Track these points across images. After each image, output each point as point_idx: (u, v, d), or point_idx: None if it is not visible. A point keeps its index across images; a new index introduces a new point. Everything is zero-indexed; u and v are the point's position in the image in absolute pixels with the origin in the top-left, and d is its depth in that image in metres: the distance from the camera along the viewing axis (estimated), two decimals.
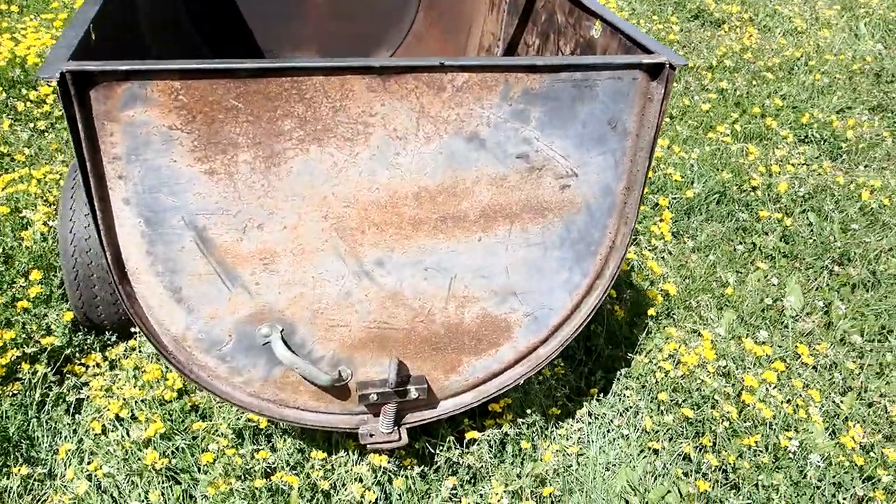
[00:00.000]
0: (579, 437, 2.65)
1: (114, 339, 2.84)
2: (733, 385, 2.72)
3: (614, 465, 2.58)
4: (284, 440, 2.41)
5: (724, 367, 2.80)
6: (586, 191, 1.91)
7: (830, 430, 2.72)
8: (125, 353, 2.81)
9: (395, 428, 2.14)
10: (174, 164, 1.64)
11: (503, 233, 1.91)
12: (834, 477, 2.48)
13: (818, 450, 2.56)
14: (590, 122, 1.81)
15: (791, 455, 2.50)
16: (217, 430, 2.41)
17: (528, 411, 2.54)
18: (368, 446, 2.12)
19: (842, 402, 2.84)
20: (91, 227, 2.67)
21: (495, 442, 2.48)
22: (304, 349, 1.96)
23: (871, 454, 2.60)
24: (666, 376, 2.73)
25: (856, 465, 2.52)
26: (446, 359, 2.10)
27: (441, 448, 2.42)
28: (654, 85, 1.80)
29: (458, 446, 2.45)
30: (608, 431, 2.69)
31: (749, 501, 2.37)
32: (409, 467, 2.38)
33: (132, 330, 2.83)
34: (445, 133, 1.74)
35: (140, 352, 2.81)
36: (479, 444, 2.44)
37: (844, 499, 2.40)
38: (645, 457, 2.61)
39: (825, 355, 3.01)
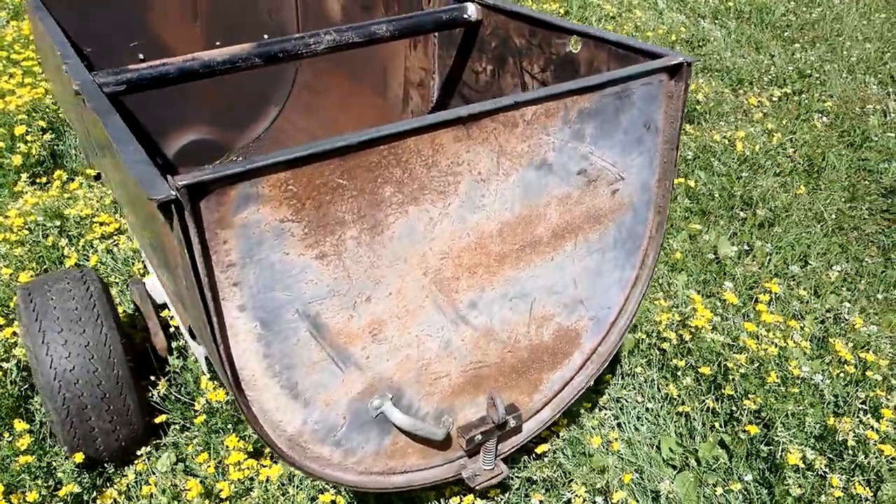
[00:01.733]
0: (613, 424, 2.80)
1: (111, 469, 2.59)
2: (729, 335, 3.00)
3: (650, 437, 2.76)
4: None
5: (714, 323, 3.07)
6: (631, 191, 2.06)
7: (806, 351, 3.08)
8: (136, 481, 2.57)
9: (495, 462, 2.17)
10: (286, 258, 1.57)
11: (570, 247, 2.01)
12: (835, 388, 2.82)
13: (813, 370, 2.89)
14: (630, 127, 1.95)
15: (801, 381, 2.80)
16: None
17: (578, 409, 2.65)
18: (477, 487, 2.13)
19: (803, 325, 3.22)
20: (74, 356, 2.44)
21: (562, 449, 2.57)
22: (412, 409, 1.94)
23: (851, 362, 2.98)
24: (671, 344, 2.95)
25: (847, 373, 2.88)
26: (530, 380, 2.16)
27: (517, 468, 2.47)
28: (672, 84, 1.98)
29: (531, 461, 2.51)
30: (634, 408, 2.87)
31: (786, 432, 2.64)
32: (494, 498, 2.41)
33: (137, 452, 2.61)
34: (520, 166, 1.80)
35: (153, 473, 2.59)
36: (551, 455, 2.52)
37: (855, 405, 2.73)
38: (676, 422, 2.81)
39: (776, 290, 3.39)
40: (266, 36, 4.05)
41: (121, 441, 2.58)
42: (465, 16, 2.67)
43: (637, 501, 2.46)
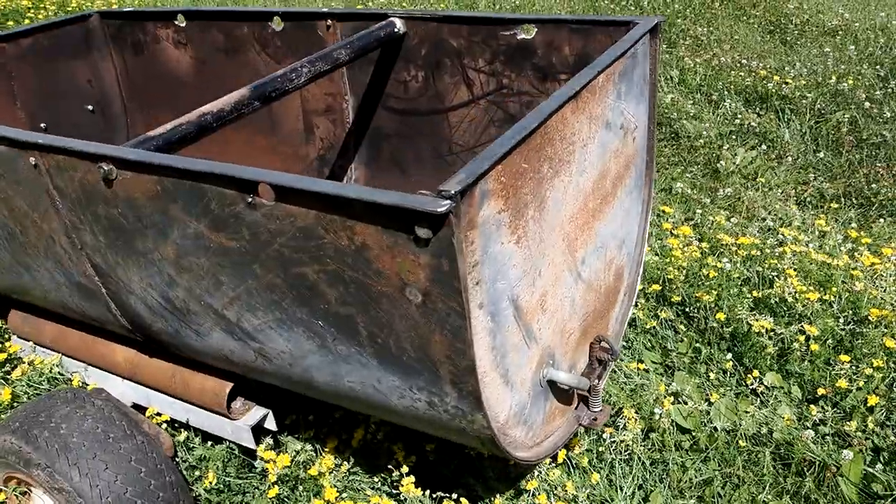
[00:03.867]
0: None
1: None
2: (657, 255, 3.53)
3: (638, 357, 3.18)
4: None
5: None
6: (640, 136, 2.41)
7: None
8: None
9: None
10: (502, 247, 1.66)
11: (620, 193, 2.31)
12: (743, 269, 3.49)
13: (724, 262, 3.54)
14: (638, 81, 2.31)
15: (720, 271, 3.42)
16: None
17: None
18: (598, 428, 2.34)
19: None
20: (122, 476, 2.19)
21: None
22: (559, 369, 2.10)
23: (746, 246, 3.69)
24: None
25: (741, 256, 3.58)
26: (605, 321, 2.42)
27: None
28: (651, 41, 2.38)
29: None
30: None
31: (742, 310, 3.22)
32: None
33: None
34: (599, 127, 2.06)
35: None
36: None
37: (762, 276, 3.42)
38: (645, 339, 3.27)
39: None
40: (90, 107, 3.69)
41: None
42: (395, 30, 2.81)
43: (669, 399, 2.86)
